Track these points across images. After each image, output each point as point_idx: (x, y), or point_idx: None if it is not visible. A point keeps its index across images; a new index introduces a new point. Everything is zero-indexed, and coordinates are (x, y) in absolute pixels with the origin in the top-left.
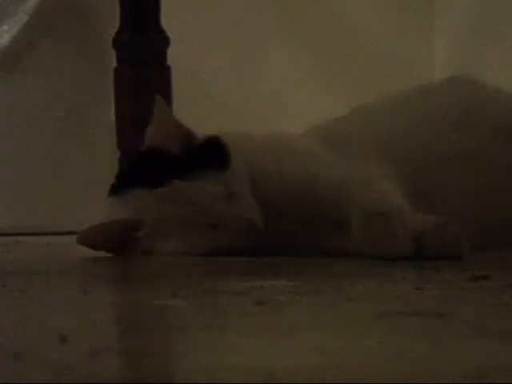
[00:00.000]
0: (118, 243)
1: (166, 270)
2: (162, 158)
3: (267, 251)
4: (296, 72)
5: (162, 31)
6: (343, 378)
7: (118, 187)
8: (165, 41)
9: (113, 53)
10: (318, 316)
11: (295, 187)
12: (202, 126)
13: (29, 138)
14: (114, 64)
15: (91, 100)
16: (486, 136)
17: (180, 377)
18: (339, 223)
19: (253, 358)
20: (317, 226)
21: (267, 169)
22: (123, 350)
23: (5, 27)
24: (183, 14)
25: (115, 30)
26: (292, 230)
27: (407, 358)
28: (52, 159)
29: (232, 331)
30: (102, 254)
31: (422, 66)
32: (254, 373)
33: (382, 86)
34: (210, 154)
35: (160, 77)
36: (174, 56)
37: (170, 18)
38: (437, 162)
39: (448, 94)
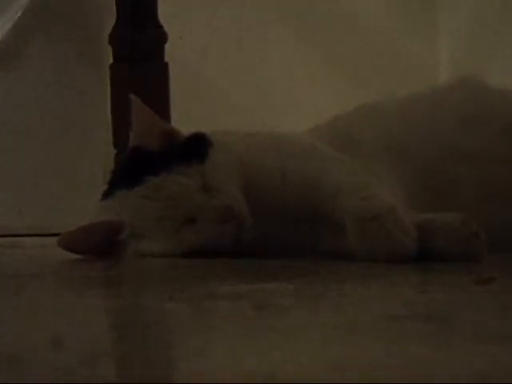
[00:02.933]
0: (99, 246)
1: (164, 272)
2: (144, 157)
3: (265, 252)
4: (297, 69)
5: (160, 27)
6: (345, 382)
7: (108, 191)
8: (162, 37)
9: (109, 49)
10: (319, 320)
11: (295, 188)
12: (200, 123)
13: (22, 136)
14: (111, 60)
15: (87, 98)
16: (495, 137)
17: (178, 381)
18: (337, 225)
19: (252, 362)
20: (315, 226)
21: (268, 167)
22: (120, 354)
23: None
24: (181, 9)
25: (112, 25)
26: (289, 229)
27: (411, 361)
28: (47, 158)
29: (231, 335)
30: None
31: (426, 64)
32: (254, 376)
33: (385, 84)
34: (192, 150)
35: (157, 73)
36: (171, 52)
37: (167, 13)
38: (445, 161)
39: (457, 96)
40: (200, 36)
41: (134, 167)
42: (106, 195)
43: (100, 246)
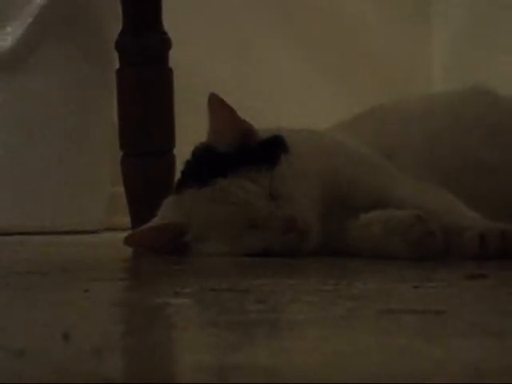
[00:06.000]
0: (165, 247)
1: (168, 268)
2: (215, 157)
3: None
4: (297, 73)
5: (164, 33)
6: (342, 376)
7: (178, 186)
8: (166, 42)
9: (116, 55)
10: (318, 315)
11: (362, 199)
12: (204, 128)
13: (31, 139)
14: (117, 65)
15: (94, 102)
16: None
17: (182, 375)
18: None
19: (254, 357)
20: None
21: (336, 175)
22: (126, 349)
23: (8, 29)
24: (185, 15)
25: (118, 31)
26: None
27: (405, 356)
28: (54, 160)
29: (233, 329)
30: (103, 252)
31: (419, 68)
32: (256, 371)
33: (379, 88)
34: (266, 153)
35: (162, 79)
36: (175, 58)
37: (171, 20)
38: (469, 174)
39: (472, 106)
40: (203, 41)
41: (204, 166)
42: (177, 190)
43: (166, 246)
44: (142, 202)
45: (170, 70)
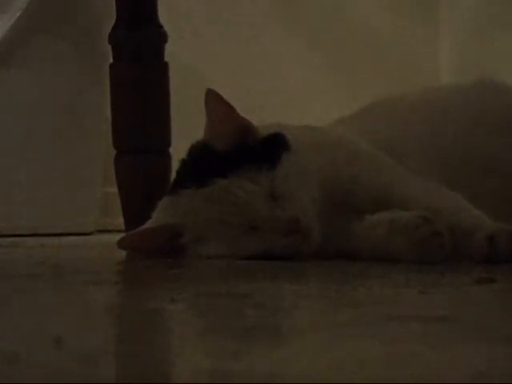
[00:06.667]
0: (161, 249)
1: (164, 272)
2: (213, 156)
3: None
4: (298, 69)
5: (160, 26)
6: (345, 382)
7: (174, 187)
8: (162, 36)
9: (109, 48)
10: (320, 320)
11: (364, 196)
12: (200, 123)
13: (23, 136)
14: (111, 60)
15: (86, 98)
16: None
17: (178, 380)
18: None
19: (252, 362)
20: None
21: (338, 170)
22: (119, 353)
23: None
24: (181, 8)
25: (112, 25)
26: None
27: (410, 361)
28: (46, 158)
29: (231, 335)
30: (96, 255)
31: (427, 65)
32: (254, 377)
33: (386, 85)
34: (267, 152)
35: (157, 74)
36: (171, 52)
37: (167, 13)
38: (469, 170)
39: (478, 99)
40: (200, 36)
41: (202, 166)
42: (173, 191)
43: (161, 249)
44: (137, 202)
45: (166, 64)
